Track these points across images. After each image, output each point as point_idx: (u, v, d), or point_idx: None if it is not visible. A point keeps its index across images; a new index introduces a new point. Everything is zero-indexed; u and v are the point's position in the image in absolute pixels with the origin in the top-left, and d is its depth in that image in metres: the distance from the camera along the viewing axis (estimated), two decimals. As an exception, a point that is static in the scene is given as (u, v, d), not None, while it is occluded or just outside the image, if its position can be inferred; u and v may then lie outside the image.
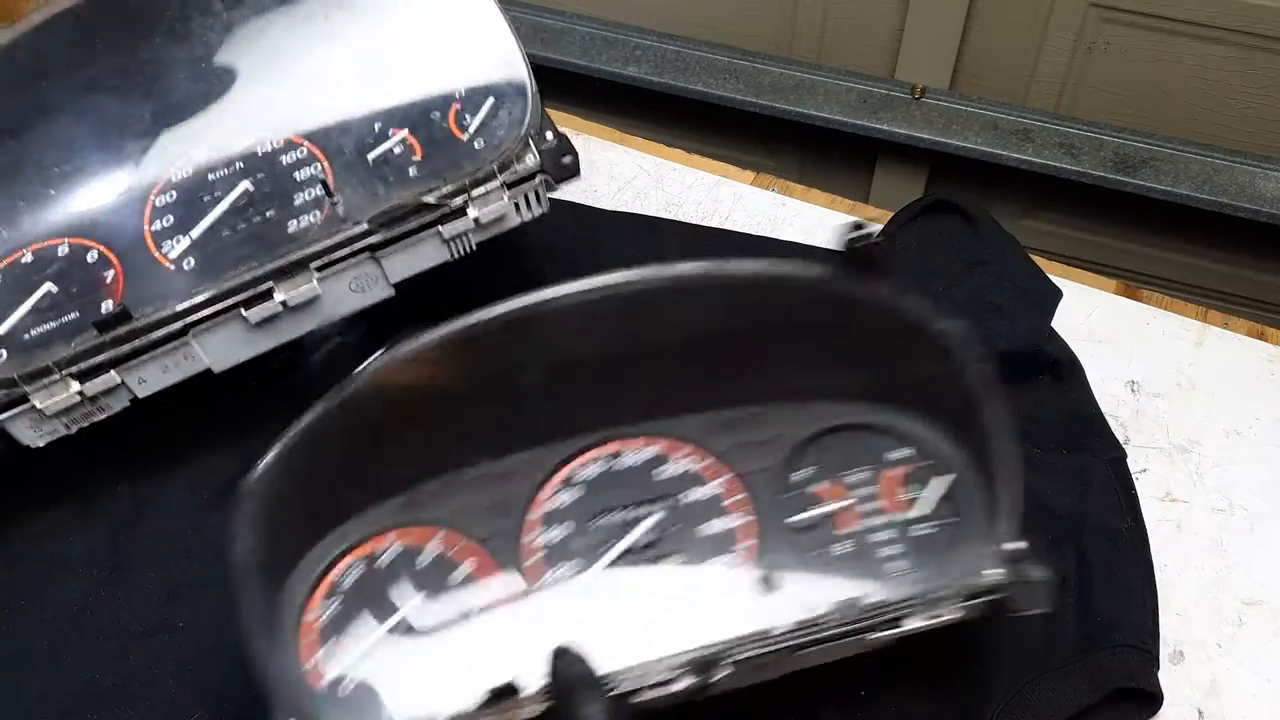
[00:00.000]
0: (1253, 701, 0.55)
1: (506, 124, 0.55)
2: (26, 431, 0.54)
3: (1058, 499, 0.59)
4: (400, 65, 0.58)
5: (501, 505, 0.52)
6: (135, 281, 0.54)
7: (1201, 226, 1.20)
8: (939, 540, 0.49)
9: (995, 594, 0.45)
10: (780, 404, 0.53)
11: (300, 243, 0.54)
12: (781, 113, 1.22)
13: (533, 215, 0.58)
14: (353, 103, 0.56)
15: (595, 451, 0.53)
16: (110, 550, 0.58)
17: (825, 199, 0.80)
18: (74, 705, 0.53)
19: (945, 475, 0.51)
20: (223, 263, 0.54)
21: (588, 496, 0.53)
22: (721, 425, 0.53)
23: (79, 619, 0.56)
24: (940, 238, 0.70)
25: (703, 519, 0.52)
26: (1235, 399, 0.67)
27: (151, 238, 0.55)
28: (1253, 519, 0.62)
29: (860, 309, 0.50)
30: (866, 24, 1.23)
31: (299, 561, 0.49)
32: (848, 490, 0.51)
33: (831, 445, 0.53)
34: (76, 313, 0.53)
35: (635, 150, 0.83)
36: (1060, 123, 1.19)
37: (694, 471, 0.52)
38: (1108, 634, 0.53)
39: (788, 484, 0.51)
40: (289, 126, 0.56)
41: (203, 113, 0.57)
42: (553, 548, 0.51)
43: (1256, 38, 1.09)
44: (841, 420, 0.53)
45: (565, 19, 1.29)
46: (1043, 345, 0.65)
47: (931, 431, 0.52)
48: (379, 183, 0.55)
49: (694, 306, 0.51)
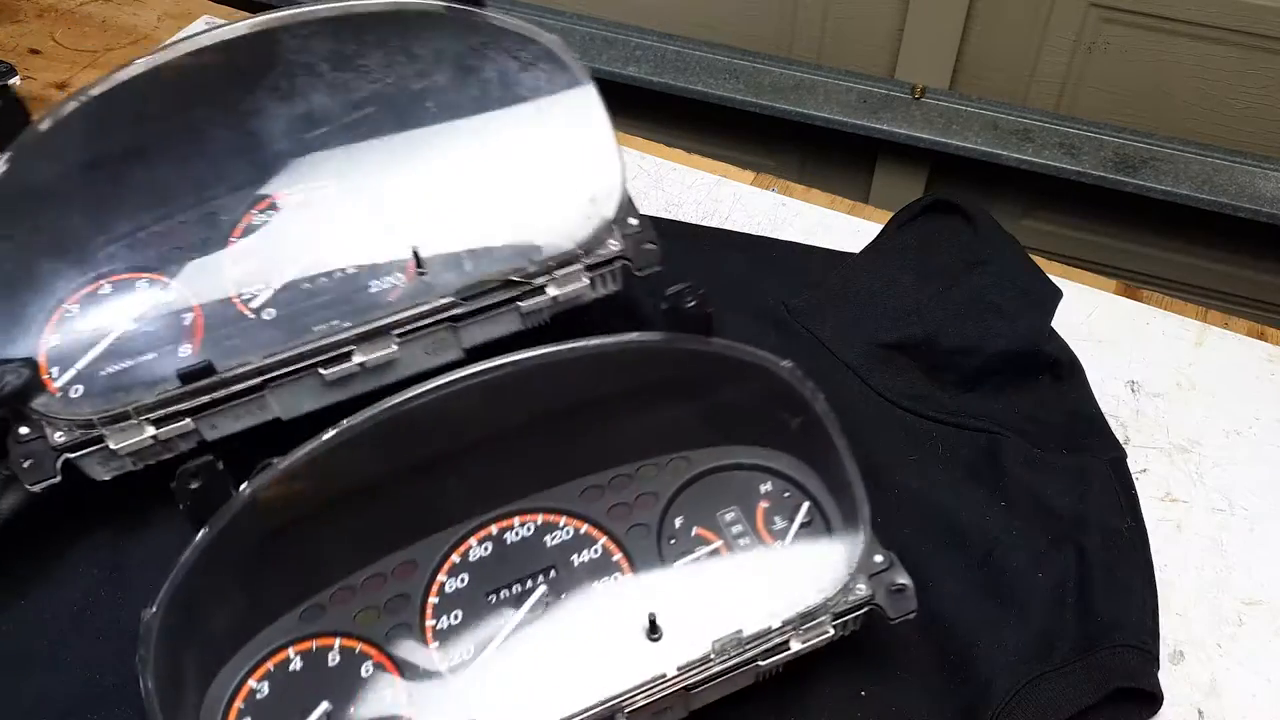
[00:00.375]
0: (1253, 701, 0.55)
1: (595, 210, 0.56)
2: (95, 467, 0.54)
3: (1058, 499, 0.59)
4: (497, 146, 0.59)
5: (397, 601, 0.53)
6: (215, 327, 0.55)
7: (1201, 226, 1.20)
8: (809, 565, 0.53)
9: (867, 606, 0.49)
10: (645, 462, 0.56)
11: (383, 307, 0.55)
12: (781, 113, 1.22)
13: (608, 291, 0.59)
14: (446, 180, 0.58)
15: (480, 533, 0.55)
16: (110, 550, 0.58)
17: (825, 199, 0.80)
18: (74, 705, 0.52)
19: (804, 502, 0.55)
20: (303, 317, 0.55)
21: (481, 576, 0.54)
22: (593, 492, 0.56)
23: (79, 619, 0.55)
24: (940, 238, 0.70)
25: (593, 578, 0.54)
26: (1235, 399, 0.67)
27: (233, 288, 0.56)
28: (1253, 519, 0.62)
29: (701, 361, 0.53)
30: (866, 24, 1.23)
31: (206, 690, 0.50)
32: (723, 529, 0.54)
33: (700, 493, 0.56)
34: (155, 355, 0.54)
35: (635, 150, 0.83)
36: (1060, 123, 1.19)
37: (580, 535, 0.55)
38: (1108, 634, 0.53)
39: (665, 535, 0.54)
40: (380, 196, 0.58)
41: (297, 170, 0.58)
42: (452, 631, 0.52)
43: (1256, 38, 1.09)
44: (705, 466, 0.56)
45: (565, 19, 1.29)
46: (1043, 345, 0.65)
47: (788, 462, 0.55)
48: (466, 258, 0.56)
49: (548, 386, 0.53)
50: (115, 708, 0.52)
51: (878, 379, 0.65)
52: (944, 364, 0.65)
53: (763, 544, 0.54)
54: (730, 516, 0.54)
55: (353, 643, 0.52)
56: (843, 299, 0.69)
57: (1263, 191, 1.14)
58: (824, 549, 0.53)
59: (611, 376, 0.54)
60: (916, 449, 0.62)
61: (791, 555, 0.53)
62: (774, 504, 0.55)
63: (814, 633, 0.49)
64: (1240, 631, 0.57)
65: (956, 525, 0.59)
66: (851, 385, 0.65)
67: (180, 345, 0.54)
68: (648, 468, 0.56)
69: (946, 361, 0.65)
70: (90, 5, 0.96)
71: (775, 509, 0.55)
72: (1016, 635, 0.54)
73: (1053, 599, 0.55)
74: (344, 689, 0.50)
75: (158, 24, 0.94)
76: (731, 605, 0.51)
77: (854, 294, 0.69)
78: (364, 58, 0.59)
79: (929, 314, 0.66)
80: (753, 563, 0.53)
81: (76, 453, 0.52)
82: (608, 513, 0.55)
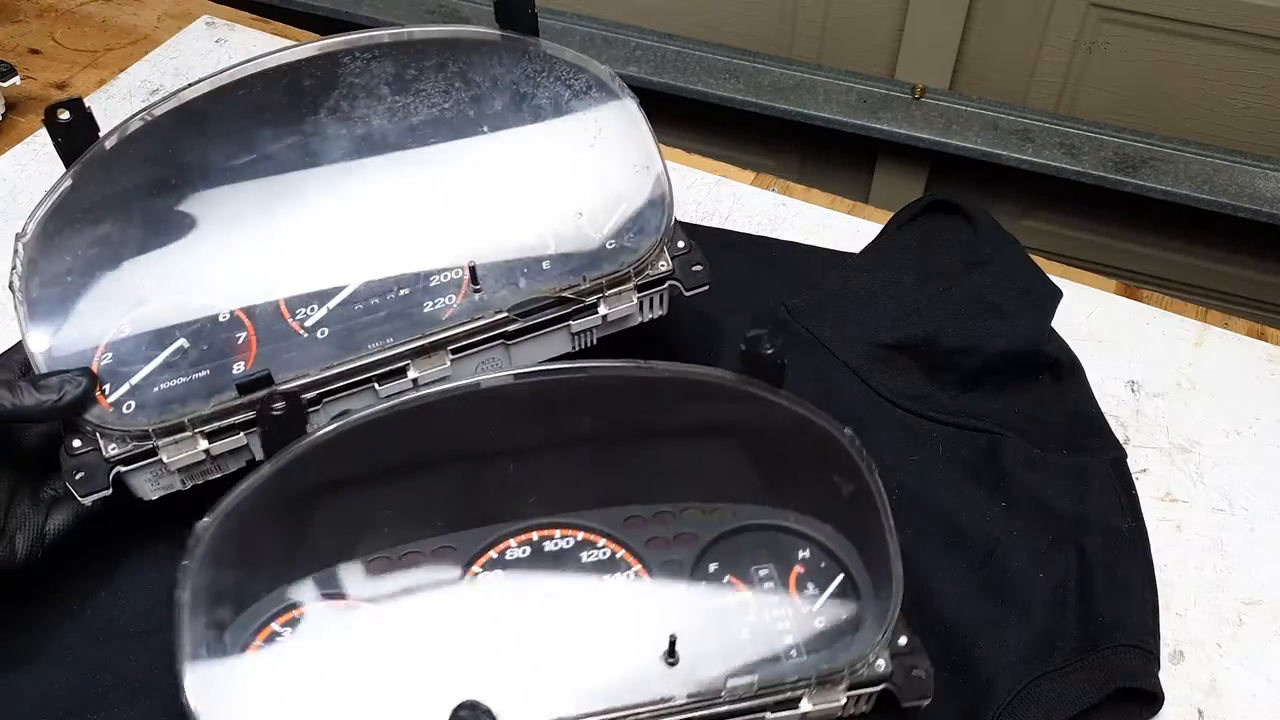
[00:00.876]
0: (1253, 701, 0.55)
1: (645, 231, 0.58)
2: (145, 484, 0.54)
3: (1058, 499, 0.59)
4: (550, 168, 0.61)
5: (428, 588, 0.53)
6: (268, 346, 0.55)
7: (1201, 226, 1.20)
8: (833, 633, 0.53)
9: (882, 683, 0.49)
10: (691, 504, 0.56)
11: (438, 324, 0.55)
12: (781, 113, 1.22)
13: (654, 315, 0.60)
14: (500, 201, 0.59)
15: (521, 536, 0.55)
16: (110, 551, 0.58)
17: (825, 199, 0.80)
18: (74, 705, 0.52)
19: (839, 573, 0.55)
20: (357, 335, 0.55)
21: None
22: (635, 521, 0.56)
23: (79, 619, 0.56)
24: (940, 238, 0.70)
25: (621, 596, 0.54)
26: (1235, 399, 0.67)
27: (285, 305, 0.56)
28: (1253, 519, 0.62)
29: (767, 413, 0.53)
30: (866, 24, 1.23)
31: (240, 613, 0.50)
32: (754, 582, 0.54)
33: (738, 545, 0.56)
34: (207, 371, 0.54)
35: (635, 150, 0.83)
36: (1060, 123, 1.19)
37: (615, 558, 0.55)
38: (1108, 634, 0.53)
39: (696, 575, 0.54)
40: (428, 216, 0.58)
41: (352, 188, 0.59)
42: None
43: (1256, 38, 1.09)
44: (747, 521, 0.56)
45: (565, 19, 1.29)
46: (1043, 345, 0.65)
47: (829, 532, 0.55)
48: (520, 275, 0.57)
49: (615, 401, 0.54)
50: (115, 708, 0.52)
51: (878, 379, 0.65)
52: (944, 364, 0.65)
53: (791, 603, 0.54)
54: (764, 573, 0.54)
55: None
56: (843, 299, 0.69)
57: (1263, 191, 1.14)
58: (851, 619, 0.53)
59: (677, 405, 0.55)
60: (917, 449, 0.62)
61: (818, 618, 0.53)
62: (809, 570, 0.55)
63: (826, 699, 0.49)
64: (1240, 631, 0.57)
65: (957, 525, 0.59)
66: (851, 385, 0.65)
67: (234, 362, 0.54)
68: (693, 510, 0.56)
69: (946, 361, 0.65)
70: (90, 5, 0.96)
71: (809, 575, 0.54)
72: (1017, 635, 0.54)
73: (1053, 599, 0.55)
74: (358, 658, 0.50)
75: (158, 24, 0.94)
76: (751, 651, 0.51)
77: (854, 294, 0.69)
78: (422, 81, 0.61)
79: (929, 314, 0.66)
80: (778, 616, 0.53)
81: (129, 466, 0.52)
82: (646, 544, 0.55)
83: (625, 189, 0.59)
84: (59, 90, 0.87)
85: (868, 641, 0.50)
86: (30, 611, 0.56)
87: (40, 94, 0.86)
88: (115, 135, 0.56)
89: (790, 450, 0.55)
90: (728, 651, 0.51)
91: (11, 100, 0.84)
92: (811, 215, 0.78)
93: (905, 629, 0.50)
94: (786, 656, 0.51)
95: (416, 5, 1.31)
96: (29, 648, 0.54)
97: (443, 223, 0.59)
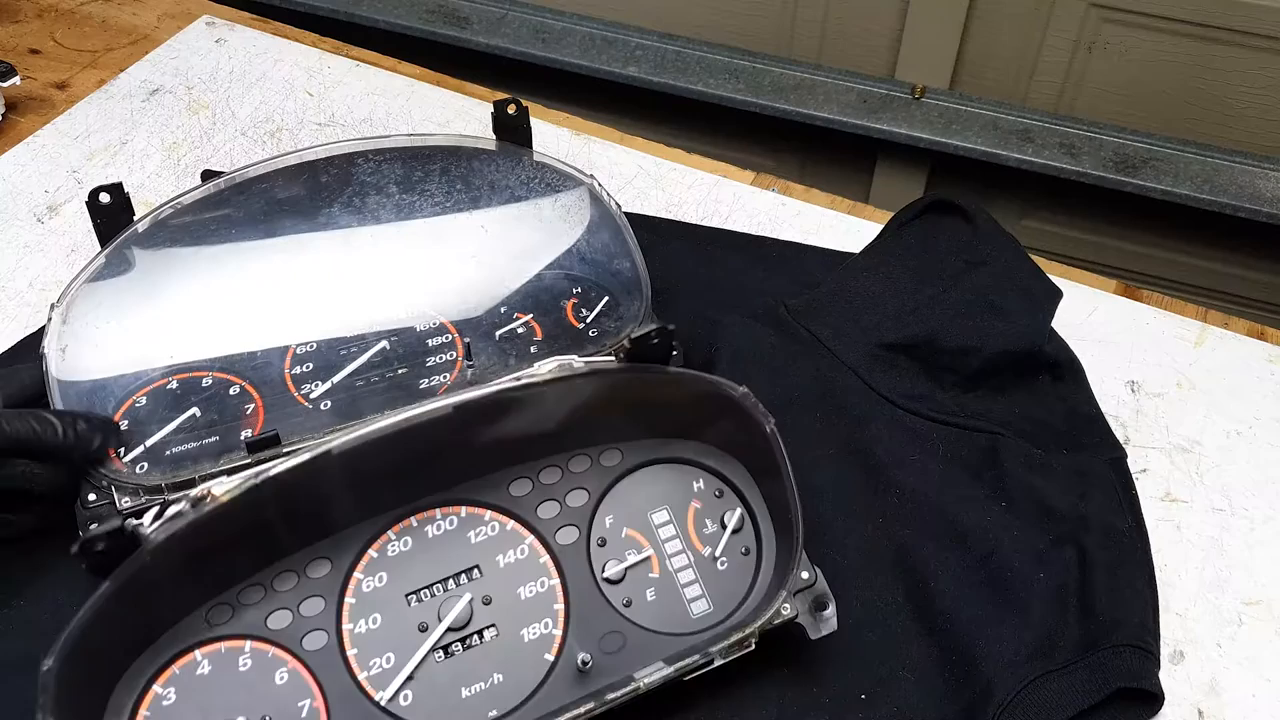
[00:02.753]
0: (1253, 701, 0.55)
1: (620, 318, 0.64)
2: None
3: (1058, 499, 0.59)
4: (532, 259, 0.67)
5: (311, 601, 0.51)
6: (274, 416, 0.59)
7: (1201, 226, 1.20)
8: (736, 575, 0.53)
9: (790, 622, 0.50)
10: (577, 453, 0.55)
11: (433, 395, 0.59)
12: (781, 113, 1.22)
13: None
14: (488, 288, 0.65)
15: (396, 527, 0.53)
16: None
17: (825, 199, 0.80)
18: (74, 705, 0.52)
19: (736, 509, 0.55)
20: (358, 403, 0.60)
21: (401, 575, 0.52)
22: (521, 484, 0.54)
23: (78, 619, 0.55)
24: (940, 238, 0.70)
25: (519, 583, 0.52)
26: (1235, 399, 0.67)
27: (291, 380, 0.60)
28: (1253, 519, 0.62)
29: (653, 384, 0.55)
30: (866, 24, 1.23)
31: (113, 688, 0.48)
32: (654, 530, 0.54)
33: (631, 489, 0.55)
34: (217, 437, 0.57)
35: (635, 150, 0.83)
36: (1060, 123, 1.19)
37: (506, 532, 0.53)
38: (1109, 634, 0.53)
39: (594, 536, 0.54)
40: (428, 300, 0.64)
41: (358, 281, 0.65)
42: (371, 636, 0.50)
43: (1256, 38, 1.09)
44: (641, 459, 0.56)
45: (565, 19, 1.29)
46: (1043, 345, 0.65)
47: (725, 464, 0.56)
48: (509, 355, 0.62)
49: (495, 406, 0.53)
50: None
51: (878, 379, 0.65)
52: (944, 364, 0.65)
53: (692, 549, 0.53)
54: (663, 516, 0.54)
55: (265, 646, 0.49)
56: (843, 299, 0.69)
57: (1263, 191, 1.14)
58: (752, 563, 0.53)
59: (560, 394, 0.54)
60: (917, 449, 0.62)
61: (719, 564, 0.53)
62: (706, 505, 0.54)
63: (737, 653, 0.50)
64: (1240, 631, 0.57)
65: (957, 525, 0.59)
66: (852, 385, 0.65)
67: (242, 430, 0.58)
68: (579, 458, 0.55)
69: (947, 361, 0.65)
70: (90, 5, 0.96)
71: (707, 510, 0.54)
72: (1017, 635, 0.54)
73: (1054, 599, 0.55)
74: (258, 696, 0.48)
75: (158, 24, 0.94)
76: (661, 617, 0.51)
77: (854, 294, 0.69)
78: (427, 183, 0.68)
79: (929, 314, 0.66)
80: (683, 569, 0.53)
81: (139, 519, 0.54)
82: (536, 509, 0.53)
83: (602, 281, 0.66)
84: (59, 90, 0.87)
85: (774, 594, 0.50)
86: (30, 612, 0.56)
87: (40, 94, 0.86)
88: (149, 219, 0.63)
89: (682, 403, 0.55)
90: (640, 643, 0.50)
91: (11, 100, 0.84)
92: (811, 215, 0.78)
93: (806, 563, 0.51)
94: (697, 612, 0.51)
95: (417, 5, 1.31)
96: (28, 648, 0.54)
97: (441, 307, 0.64)
